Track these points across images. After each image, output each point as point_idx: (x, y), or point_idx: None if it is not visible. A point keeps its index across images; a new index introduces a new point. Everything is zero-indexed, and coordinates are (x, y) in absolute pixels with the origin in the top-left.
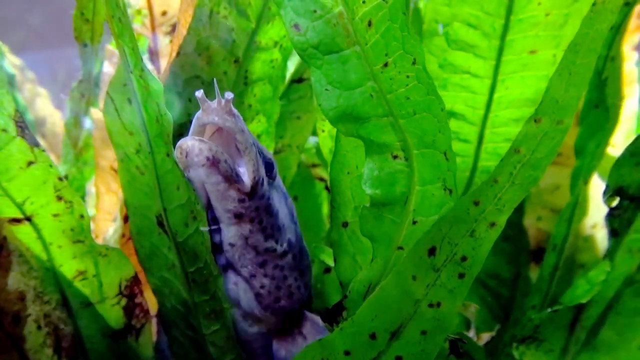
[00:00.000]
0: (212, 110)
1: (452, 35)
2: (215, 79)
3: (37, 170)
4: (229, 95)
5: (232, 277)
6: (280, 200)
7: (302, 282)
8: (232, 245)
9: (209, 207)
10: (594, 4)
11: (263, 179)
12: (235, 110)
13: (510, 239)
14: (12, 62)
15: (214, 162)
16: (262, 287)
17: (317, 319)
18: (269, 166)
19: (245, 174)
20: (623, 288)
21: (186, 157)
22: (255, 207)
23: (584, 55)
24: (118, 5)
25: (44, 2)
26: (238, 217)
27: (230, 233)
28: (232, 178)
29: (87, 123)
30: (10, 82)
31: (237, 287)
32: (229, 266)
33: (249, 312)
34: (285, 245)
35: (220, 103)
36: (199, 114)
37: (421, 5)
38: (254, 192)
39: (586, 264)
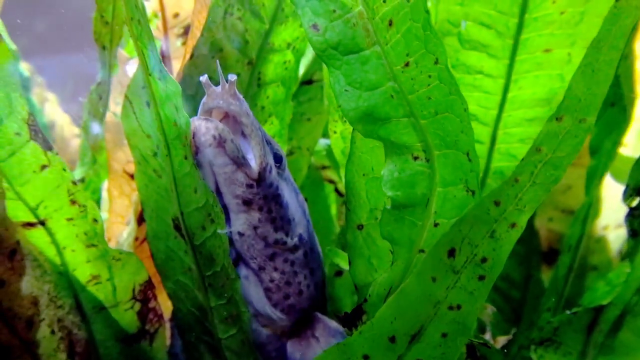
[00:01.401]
0: (216, 95)
1: (464, 34)
2: (218, 61)
3: (51, 174)
4: (233, 77)
5: (242, 270)
6: (290, 194)
7: (312, 280)
8: (241, 234)
9: (217, 193)
10: (617, 0)
11: (271, 167)
12: (239, 95)
13: (521, 240)
14: (24, 67)
15: (220, 142)
16: (271, 280)
17: (330, 321)
18: (277, 158)
19: (253, 159)
20: None
21: (193, 137)
22: (264, 195)
23: (607, 52)
24: (137, 7)
25: (48, 9)
26: (247, 204)
27: (239, 221)
28: (239, 160)
29: (96, 128)
30: (25, 85)
31: (247, 281)
32: (239, 259)
33: (261, 313)
34: (296, 239)
35: (225, 87)
36: (204, 99)
37: (429, 5)
38: (262, 178)
39: (598, 266)
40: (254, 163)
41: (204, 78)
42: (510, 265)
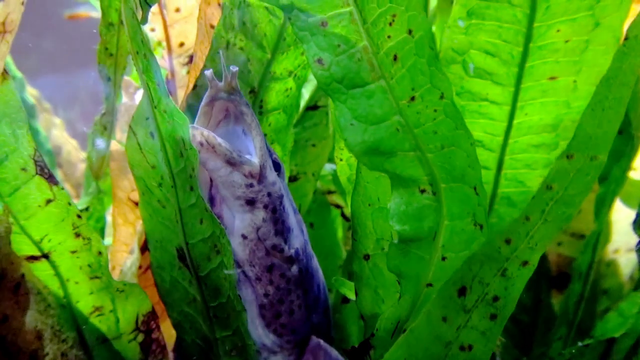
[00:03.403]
0: (219, 87)
1: (469, 62)
2: (221, 51)
3: (56, 208)
4: (234, 68)
5: (240, 279)
6: (289, 206)
7: (304, 301)
8: (244, 237)
9: (210, 200)
10: (626, 39)
11: (271, 167)
12: (239, 90)
13: None
14: (30, 93)
15: (208, 147)
16: (266, 295)
17: (332, 350)
18: (276, 166)
19: (254, 153)
20: None
21: None
22: (268, 192)
23: (617, 89)
24: (143, 42)
25: (56, 28)
26: (250, 203)
27: (244, 223)
28: (234, 160)
29: (100, 142)
30: (31, 113)
31: (242, 292)
32: (238, 268)
33: (256, 341)
34: (292, 251)
35: (227, 78)
36: (207, 92)
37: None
38: (263, 174)
39: (609, 290)
40: (254, 157)
41: (209, 72)
42: None
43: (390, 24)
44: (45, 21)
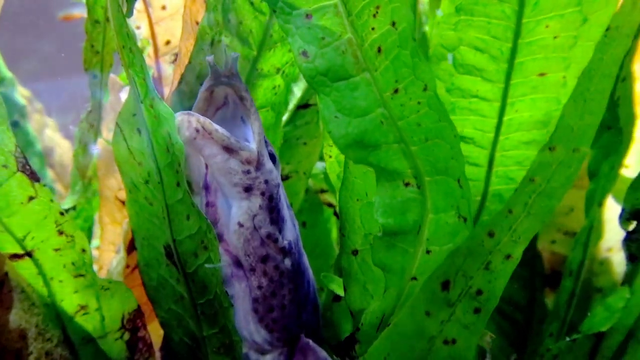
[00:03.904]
0: (219, 73)
1: (459, 59)
2: (223, 39)
3: (38, 205)
4: (235, 54)
5: (233, 287)
6: (284, 197)
7: (295, 297)
8: (240, 225)
9: (205, 188)
10: (607, 29)
11: (267, 154)
12: (239, 75)
13: (525, 263)
14: (22, 94)
15: (204, 133)
16: (259, 287)
17: (320, 350)
18: (272, 157)
19: (252, 139)
20: None
21: (178, 133)
22: (265, 179)
23: (599, 81)
24: (129, 36)
25: (55, 32)
26: (247, 190)
27: (241, 210)
28: (232, 145)
29: (94, 148)
30: (21, 113)
31: (236, 297)
32: (232, 261)
33: (247, 337)
34: (286, 242)
35: (228, 65)
36: (207, 79)
37: (427, 29)
38: (260, 162)
39: (603, 288)
40: (252, 143)
41: (210, 58)
42: (515, 288)
43: (374, 16)
44: (47, 24)
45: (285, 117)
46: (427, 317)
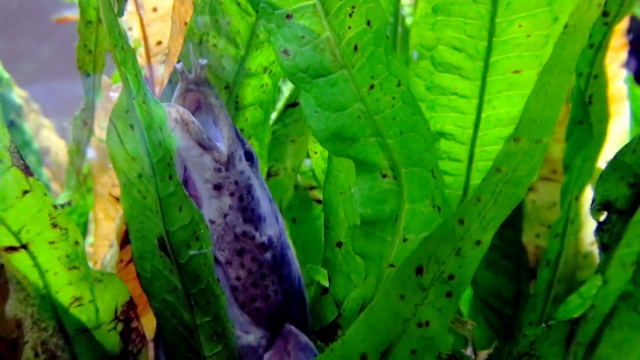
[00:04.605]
0: (189, 79)
1: (437, 58)
2: (190, 44)
3: (33, 199)
4: (203, 61)
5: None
6: (262, 194)
7: (279, 287)
8: (212, 222)
9: (185, 181)
10: (565, 26)
11: (241, 156)
12: (209, 82)
13: (510, 256)
14: (18, 94)
15: (183, 125)
16: (237, 278)
17: (302, 335)
18: (248, 155)
19: (221, 141)
20: (618, 303)
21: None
22: (235, 180)
23: (559, 75)
24: (121, 34)
25: (54, 35)
26: (217, 188)
27: (211, 208)
28: (205, 143)
29: (90, 151)
30: (18, 112)
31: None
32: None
33: (233, 319)
34: (265, 238)
35: (197, 71)
36: (178, 85)
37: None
38: (231, 163)
39: (586, 281)
40: (222, 146)
41: (179, 65)
42: (501, 282)
43: (350, 15)
44: (45, 28)
45: (274, 116)
46: (402, 300)
